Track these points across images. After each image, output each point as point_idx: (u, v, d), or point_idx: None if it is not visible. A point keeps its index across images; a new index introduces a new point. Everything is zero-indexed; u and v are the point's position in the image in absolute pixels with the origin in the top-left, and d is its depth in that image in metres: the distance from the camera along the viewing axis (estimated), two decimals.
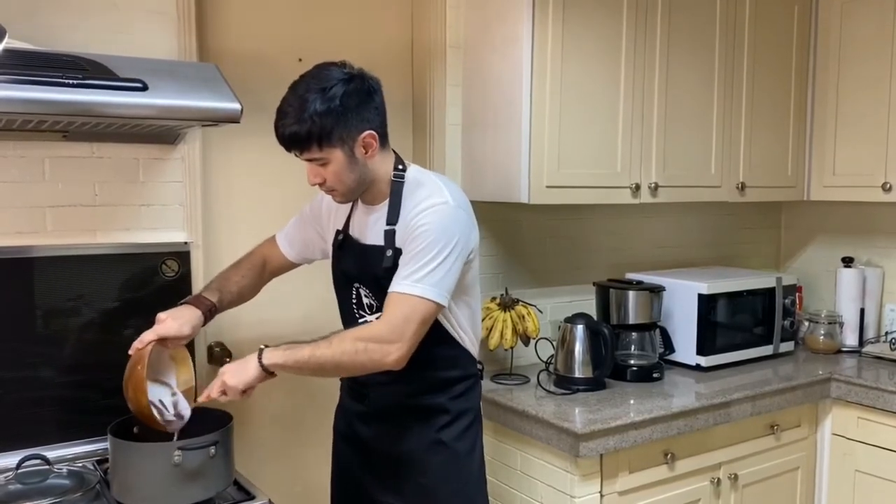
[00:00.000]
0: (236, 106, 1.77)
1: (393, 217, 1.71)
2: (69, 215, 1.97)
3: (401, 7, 2.57)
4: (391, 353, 1.61)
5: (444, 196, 1.69)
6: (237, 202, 2.32)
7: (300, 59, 2.37)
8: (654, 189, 2.55)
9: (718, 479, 2.40)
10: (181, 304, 1.81)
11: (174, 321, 1.72)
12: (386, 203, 1.74)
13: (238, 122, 1.80)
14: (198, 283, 2.13)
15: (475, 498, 1.87)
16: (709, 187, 2.74)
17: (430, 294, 1.62)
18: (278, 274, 2.03)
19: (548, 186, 2.33)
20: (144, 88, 1.65)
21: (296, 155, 1.66)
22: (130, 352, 1.70)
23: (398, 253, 1.69)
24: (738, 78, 2.77)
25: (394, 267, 1.69)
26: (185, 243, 2.11)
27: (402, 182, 1.74)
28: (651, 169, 2.55)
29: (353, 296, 1.82)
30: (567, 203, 2.44)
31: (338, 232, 1.86)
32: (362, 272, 1.78)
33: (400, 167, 1.75)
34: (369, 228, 1.78)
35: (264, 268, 1.99)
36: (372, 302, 1.78)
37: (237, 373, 1.62)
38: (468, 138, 2.53)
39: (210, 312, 1.81)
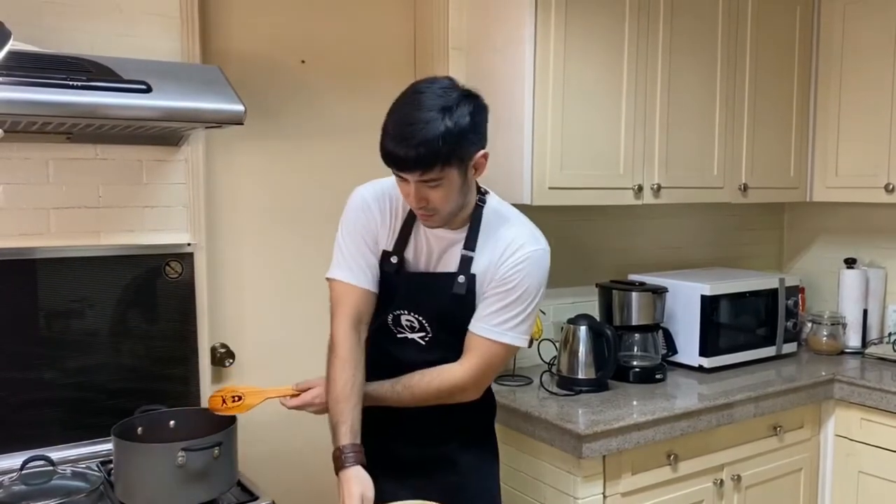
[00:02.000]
0: (239, 108, 1.78)
1: (471, 244, 1.65)
2: (73, 217, 1.98)
3: (403, 9, 2.58)
4: (468, 394, 1.69)
5: (538, 241, 1.68)
6: (240, 204, 2.32)
7: (303, 61, 2.38)
8: (657, 190, 2.55)
9: (721, 480, 2.39)
10: (340, 469, 1.54)
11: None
12: (465, 229, 1.66)
13: (241, 124, 1.80)
14: (201, 285, 2.13)
15: (497, 497, 1.85)
16: (711, 188, 2.74)
17: (516, 342, 1.66)
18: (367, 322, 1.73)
19: (550, 188, 2.33)
20: (148, 90, 1.66)
21: (404, 176, 1.52)
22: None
23: (472, 279, 1.65)
24: (740, 79, 2.77)
25: (468, 294, 1.64)
26: (189, 245, 2.11)
27: (483, 208, 1.69)
28: (654, 170, 2.55)
29: (390, 319, 1.73)
30: (570, 204, 2.44)
31: (387, 253, 1.69)
32: (419, 300, 1.68)
33: (483, 191, 1.72)
34: (443, 253, 1.68)
35: (359, 326, 1.68)
36: (414, 325, 1.71)
37: (323, 401, 1.70)
38: None
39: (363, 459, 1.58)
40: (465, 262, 1.65)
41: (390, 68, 2.55)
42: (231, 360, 2.30)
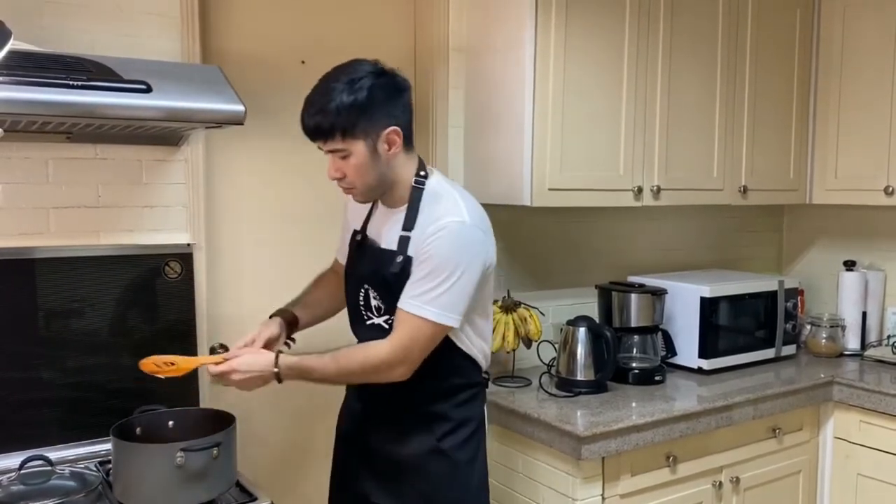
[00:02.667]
0: (240, 108, 1.78)
1: (409, 223, 1.71)
2: (72, 216, 1.98)
3: (403, 10, 2.58)
4: (396, 372, 1.68)
5: (461, 214, 1.68)
6: (240, 204, 2.32)
7: (303, 62, 2.38)
8: (657, 192, 2.56)
9: (720, 482, 2.39)
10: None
11: (263, 328, 1.83)
12: (403, 209, 1.74)
13: (241, 124, 1.80)
14: (200, 285, 2.13)
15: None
16: (711, 190, 2.74)
17: (439, 318, 1.65)
18: None
19: (550, 189, 2.33)
20: (148, 90, 1.65)
21: (319, 146, 1.67)
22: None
23: (408, 260, 1.69)
24: (740, 81, 2.77)
25: (402, 273, 1.69)
26: (188, 245, 2.11)
27: (423, 189, 1.74)
28: (653, 172, 2.55)
29: (362, 297, 1.81)
30: (569, 206, 2.44)
31: (355, 232, 1.87)
32: (374, 274, 1.77)
33: (422, 173, 1.75)
34: (386, 231, 1.78)
35: (339, 281, 1.96)
36: (380, 304, 1.77)
37: (251, 383, 1.69)
38: (471, 141, 2.54)
39: (292, 323, 1.91)
40: (403, 242, 1.71)
41: None
42: None
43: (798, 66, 2.96)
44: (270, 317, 1.90)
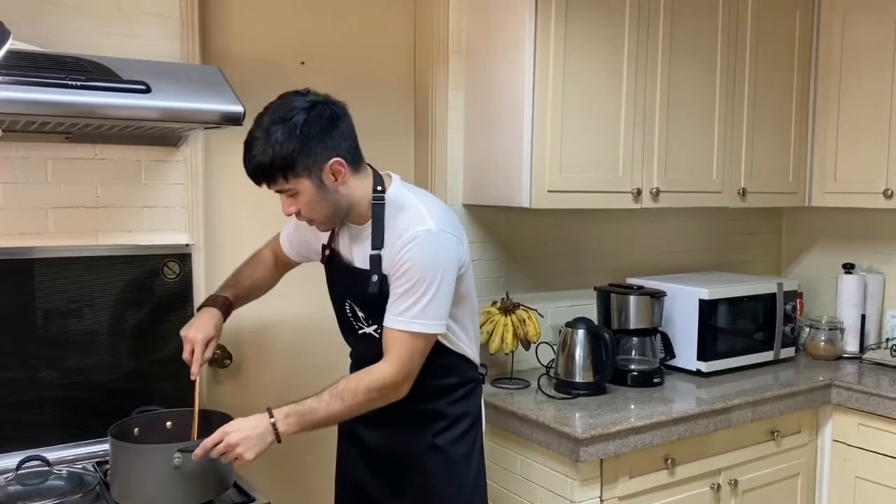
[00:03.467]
0: (239, 108, 1.78)
1: (377, 242, 1.69)
2: (71, 217, 1.98)
3: (403, 11, 2.58)
4: (402, 390, 1.68)
5: (425, 221, 1.66)
6: (239, 205, 2.32)
7: (303, 63, 2.38)
8: (656, 194, 2.56)
9: (718, 484, 2.39)
10: (199, 308, 1.85)
11: (197, 332, 1.76)
12: (368, 225, 1.73)
13: (240, 125, 1.79)
14: (199, 286, 2.13)
15: (472, 502, 1.86)
16: (710, 192, 2.74)
17: (428, 328, 1.66)
18: (290, 268, 2.06)
19: (549, 191, 2.33)
20: (147, 91, 1.66)
21: (268, 187, 1.65)
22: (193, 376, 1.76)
23: (384, 279, 1.69)
24: (739, 83, 2.77)
25: (381, 293, 1.68)
26: (187, 245, 2.11)
27: (383, 204, 1.71)
28: (653, 174, 2.55)
29: (348, 309, 1.82)
30: (568, 207, 2.44)
31: (324, 247, 1.86)
32: (351, 292, 1.78)
33: (379, 188, 1.71)
34: (356, 250, 1.77)
35: (276, 262, 2.02)
36: (367, 316, 1.78)
37: (252, 445, 1.58)
38: (470, 142, 2.54)
39: (226, 308, 1.86)
40: (375, 261, 1.70)
41: (390, 70, 2.55)
42: (229, 361, 2.30)
43: (797, 69, 2.96)
44: (202, 306, 1.85)
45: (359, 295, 1.75)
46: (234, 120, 1.77)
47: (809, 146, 3.03)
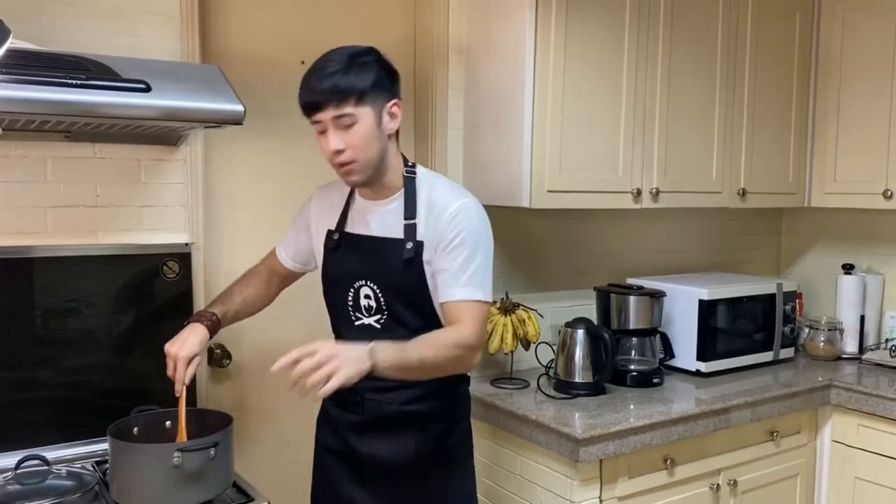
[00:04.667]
0: (239, 108, 1.77)
1: (410, 212, 1.72)
2: (71, 216, 1.97)
3: (403, 10, 2.57)
4: (476, 357, 1.71)
5: (465, 194, 1.75)
6: (238, 204, 2.32)
7: (303, 62, 2.36)
8: (656, 194, 2.56)
9: (718, 485, 2.39)
10: (186, 323, 1.80)
11: (180, 349, 1.72)
12: (396, 197, 1.74)
13: (241, 124, 1.79)
14: (198, 285, 2.13)
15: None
16: (710, 193, 2.75)
17: (486, 296, 1.71)
18: (287, 283, 2.03)
19: (549, 191, 2.33)
20: (147, 90, 1.65)
21: (315, 120, 1.62)
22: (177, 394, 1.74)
23: (420, 246, 1.69)
24: (739, 84, 2.77)
25: (416, 258, 1.69)
26: (187, 245, 2.11)
27: (415, 178, 1.75)
28: (652, 174, 2.55)
29: (350, 297, 1.79)
30: (568, 207, 2.44)
31: (330, 232, 1.83)
32: (372, 266, 1.74)
33: (410, 164, 1.78)
34: (380, 222, 1.76)
35: (271, 277, 2.00)
36: (372, 303, 1.76)
37: (350, 363, 1.45)
38: (470, 142, 2.53)
39: (214, 326, 1.81)
40: (410, 230, 1.71)
41: None
42: (228, 361, 2.30)
43: (797, 70, 2.96)
44: (189, 322, 1.80)
45: (383, 269, 1.72)
46: (234, 119, 1.77)
47: (809, 147, 3.03)
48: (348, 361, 1.45)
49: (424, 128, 2.57)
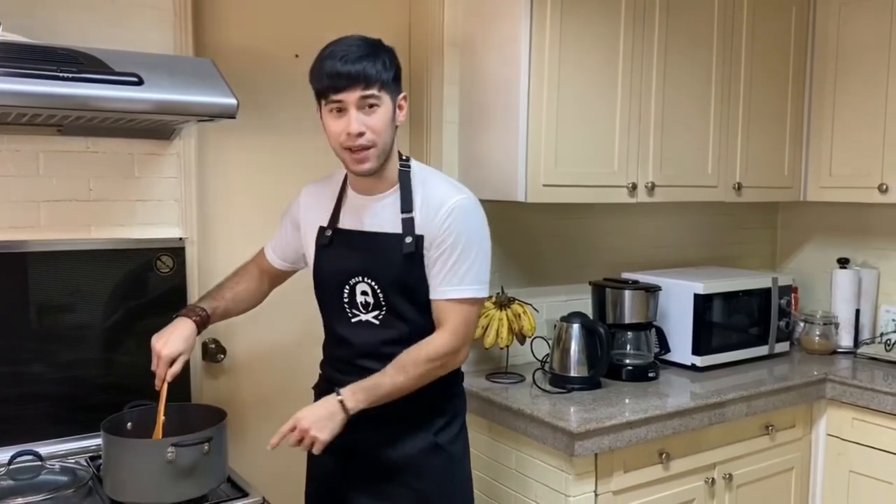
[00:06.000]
0: (232, 101, 1.76)
1: (407, 205, 1.71)
2: (63, 210, 1.96)
3: (399, 4, 2.56)
4: (460, 357, 1.73)
5: (460, 190, 1.74)
6: (232, 198, 2.31)
7: (297, 56, 2.37)
8: (651, 188, 2.55)
9: (713, 478, 2.39)
10: (175, 317, 1.79)
11: (164, 347, 1.71)
12: (391, 192, 1.73)
13: (234, 118, 1.78)
14: (192, 280, 2.12)
15: (468, 502, 1.86)
16: (705, 187, 2.74)
17: (479, 293, 1.72)
18: (277, 282, 2.02)
19: (545, 185, 2.32)
20: (140, 83, 1.64)
21: (338, 100, 1.61)
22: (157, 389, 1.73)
23: (419, 240, 1.69)
24: (735, 78, 2.77)
25: (415, 253, 1.68)
26: (180, 239, 2.10)
27: (409, 171, 1.75)
28: (648, 168, 2.55)
29: (346, 294, 1.77)
30: (564, 202, 2.44)
31: (322, 228, 1.81)
32: (369, 262, 1.73)
33: (404, 158, 1.78)
34: (376, 217, 1.74)
35: (261, 276, 1.99)
36: (369, 300, 1.73)
37: (324, 425, 1.61)
38: (465, 136, 2.53)
39: (203, 321, 1.80)
40: (408, 224, 1.70)
41: None
42: (223, 356, 2.29)
43: (793, 64, 2.96)
44: (178, 315, 1.80)
45: (381, 263, 1.71)
46: (227, 113, 1.76)
47: (805, 141, 3.03)
48: (321, 426, 1.61)
49: (420, 122, 2.57)
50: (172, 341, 1.72)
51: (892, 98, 2.74)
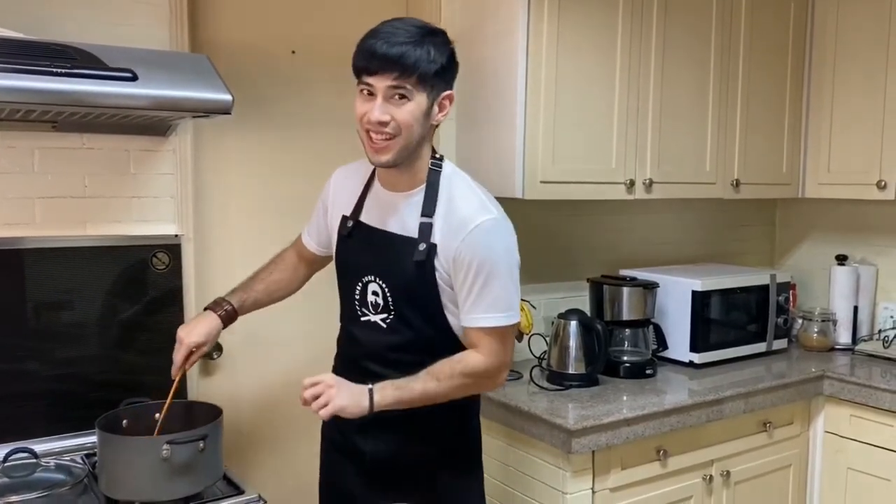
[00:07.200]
0: (227, 97, 1.75)
1: (429, 209, 1.62)
2: (59, 207, 1.96)
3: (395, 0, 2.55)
4: (499, 380, 1.69)
5: (489, 209, 1.63)
6: (228, 195, 2.30)
7: (293, 52, 2.36)
8: (649, 185, 2.55)
9: (711, 476, 2.39)
10: (204, 310, 1.80)
11: (188, 336, 1.72)
12: (417, 191, 1.65)
13: (229, 114, 1.78)
14: (188, 277, 2.12)
15: None
16: (704, 184, 2.74)
17: (513, 319, 1.65)
18: (316, 267, 1.96)
19: (542, 182, 2.32)
20: (134, 78, 1.64)
21: (368, 83, 1.54)
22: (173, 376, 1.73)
23: (433, 248, 1.61)
24: (733, 74, 2.76)
25: (427, 262, 1.61)
26: (176, 236, 2.10)
27: (440, 172, 1.65)
28: (646, 165, 2.54)
29: (358, 291, 1.71)
30: (561, 198, 2.44)
31: (345, 218, 1.74)
32: (382, 263, 1.66)
33: (438, 157, 1.68)
34: (397, 216, 1.66)
35: (298, 262, 1.94)
36: (379, 301, 1.67)
37: (348, 395, 1.55)
38: (462, 133, 2.52)
39: (229, 316, 1.79)
40: (425, 229, 1.62)
41: None
42: (219, 353, 2.28)
43: (791, 60, 2.95)
44: (206, 308, 1.80)
45: (394, 267, 1.64)
46: (222, 109, 1.75)
47: (803, 137, 3.02)
48: (345, 394, 1.54)
49: None
50: (196, 332, 1.73)
51: (891, 95, 2.74)
